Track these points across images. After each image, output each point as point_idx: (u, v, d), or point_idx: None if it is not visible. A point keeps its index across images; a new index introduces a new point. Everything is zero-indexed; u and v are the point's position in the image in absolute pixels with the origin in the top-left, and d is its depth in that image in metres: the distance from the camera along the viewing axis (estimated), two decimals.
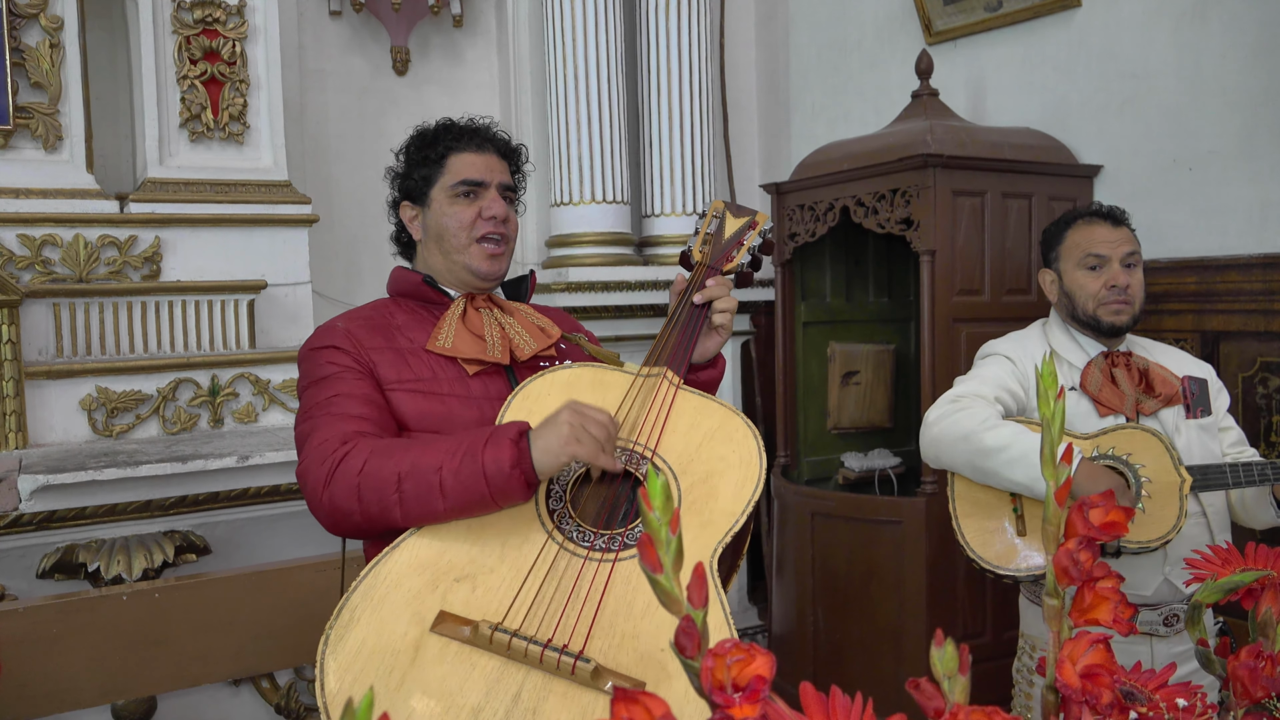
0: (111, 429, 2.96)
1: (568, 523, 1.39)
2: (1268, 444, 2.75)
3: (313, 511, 1.48)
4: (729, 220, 1.77)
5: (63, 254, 3.00)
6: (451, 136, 1.74)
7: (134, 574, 2.68)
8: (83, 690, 2.03)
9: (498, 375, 1.65)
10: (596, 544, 1.36)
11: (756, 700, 0.64)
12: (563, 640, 1.25)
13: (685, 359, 1.58)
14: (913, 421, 3.56)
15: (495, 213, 1.70)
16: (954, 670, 0.67)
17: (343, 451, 1.43)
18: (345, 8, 3.95)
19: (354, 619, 1.28)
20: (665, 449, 1.46)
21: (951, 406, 2.08)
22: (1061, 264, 2.19)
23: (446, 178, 1.71)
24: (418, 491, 1.36)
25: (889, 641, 3.04)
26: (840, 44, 4.11)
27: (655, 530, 0.68)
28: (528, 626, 1.27)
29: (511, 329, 1.69)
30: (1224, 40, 2.85)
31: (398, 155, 1.80)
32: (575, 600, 1.29)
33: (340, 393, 1.54)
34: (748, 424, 1.49)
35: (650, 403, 1.51)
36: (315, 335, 1.66)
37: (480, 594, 1.31)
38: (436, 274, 1.75)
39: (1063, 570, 0.76)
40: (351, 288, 3.87)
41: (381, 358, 1.61)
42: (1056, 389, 0.79)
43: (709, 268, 1.70)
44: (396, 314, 1.70)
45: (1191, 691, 0.83)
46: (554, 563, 1.34)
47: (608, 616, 1.28)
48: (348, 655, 1.25)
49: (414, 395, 1.58)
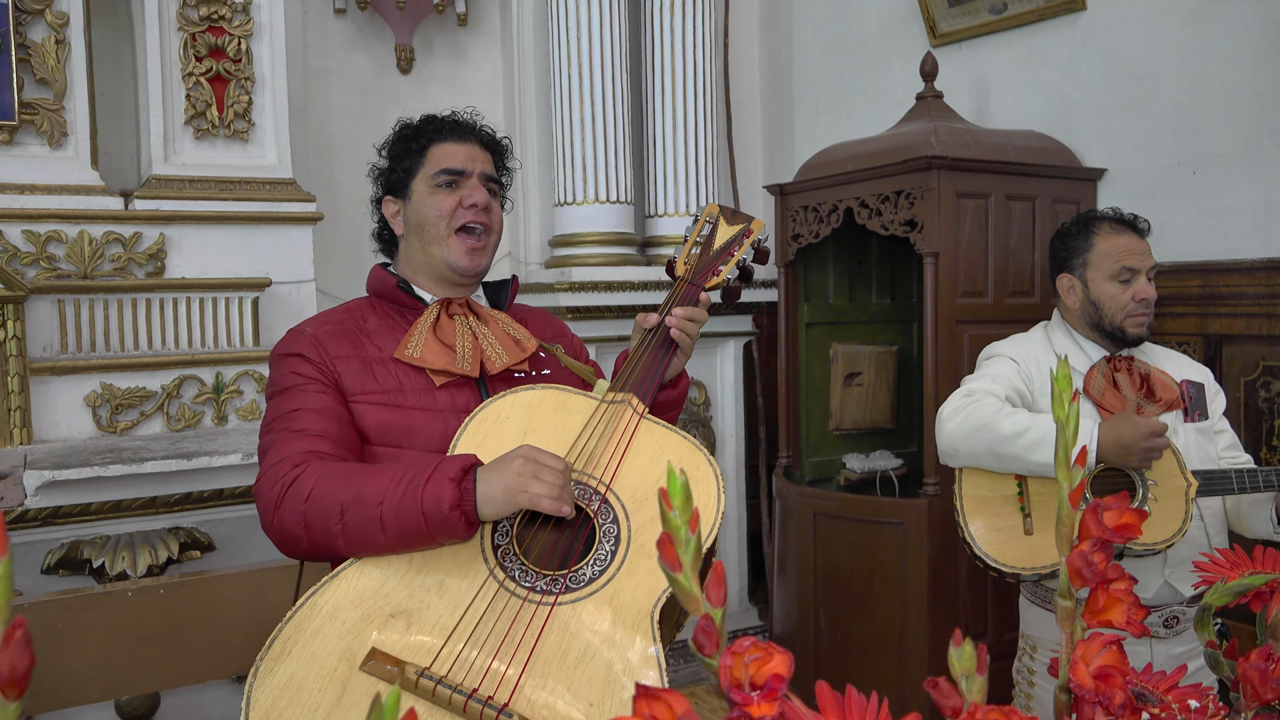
0: (116, 425, 2.96)
1: (511, 560, 1.35)
2: (1269, 447, 2.75)
3: (265, 531, 1.46)
4: (722, 226, 1.69)
5: (67, 250, 3.00)
6: (433, 128, 1.71)
7: (139, 570, 2.69)
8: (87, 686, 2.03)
9: (466, 387, 1.60)
10: (538, 585, 1.32)
11: (774, 699, 0.65)
12: (489, 691, 1.22)
13: (653, 385, 1.52)
14: (915, 423, 3.57)
15: (476, 200, 1.65)
16: (972, 670, 0.67)
17: (293, 475, 1.41)
18: (350, 6, 3.96)
19: (285, 651, 1.26)
20: (621, 484, 1.40)
21: (965, 400, 2.10)
22: (1089, 272, 2.17)
23: (428, 167, 1.67)
24: (359, 524, 1.34)
25: (892, 642, 3.04)
26: (844, 44, 4.11)
27: (675, 529, 0.69)
28: (455, 673, 1.24)
29: (485, 339, 1.64)
30: (1228, 42, 2.86)
31: (380, 151, 1.77)
32: (508, 646, 1.26)
33: (301, 407, 1.52)
34: (710, 462, 1.44)
35: (611, 432, 1.45)
36: (284, 340, 1.63)
37: (414, 631, 1.28)
38: (416, 272, 1.71)
39: (1076, 572, 0.77)
40: (355, 286, 3.84)
41: (347, 367, 1.57)
42: (1071, 392, 0.80)
43: (690, 284, 1.63)
44: (369, 318, 1.66)
45: (1203, 693, 0.84)
46: (492, 603, 1.30)
47: (540, 664, 1.25)
48: (275, 690, 1.22)
49: (377, 407, 1.55)
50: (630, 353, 1.59)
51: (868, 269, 3.76)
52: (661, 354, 1.56)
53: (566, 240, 3.92)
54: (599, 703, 1.23)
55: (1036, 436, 1.95)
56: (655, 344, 1.57)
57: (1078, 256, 2.20)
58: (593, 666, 1.25)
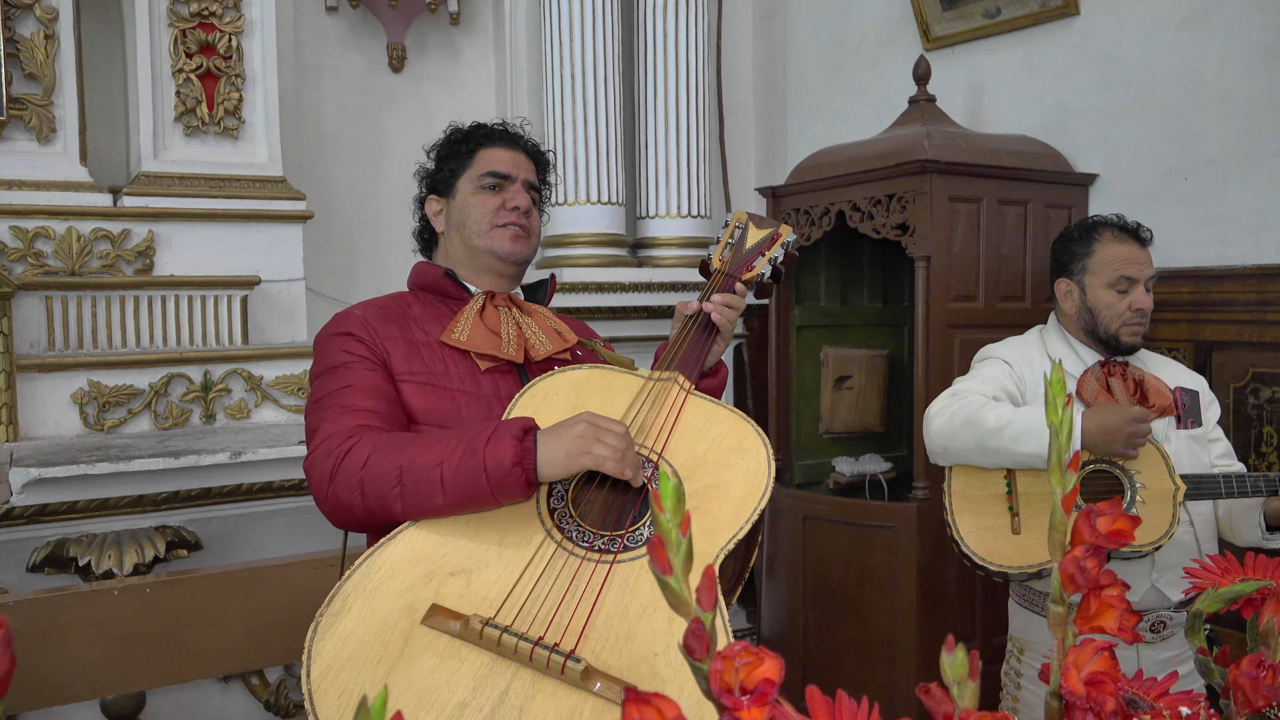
0: (103, 423, 2.94)
1: (568, 522, 1.37)
2: (1258, 454, 2.76)
3: (318, 505, 1.48)
4: (751, 231, 1.77)
5: (55, 247, 2.98)
6: (483, 134, 1.79)
7: (125, 569, 2.67)
8: (72, 685, 2.01)
9: (509, 374, 1.65)
10: (596, 545, 1.34)
11: (765, 703, 0.64)
12: (554, 639, 1.23)
13: (697, 366, 1.58)
14: (905, 427, 3.57)
15: (519, 203, 1.73)
16: (964, 675, 0.67)
17: (347, 446, 1.43)
18: (342, 4, 3.94)
19: (345, 607, 1.27)
20: (672, 453, 1.45)
21: (951, 400, 2.12)
22: (1088, 278, 2.18)
23: (474, 169, 1.75)
24: (418, 486, 1.36)
25: (881, 646, 3.04)
26: (840, 46, 4.11)
27: (666, 532, 0.68)
28: (520, 623, 1.25)
29: (528, 329, 1.69)
30: (1225, 48, 2.86)
31: (429, 152, 1.84)
32: (570, 600, 1.27)
33: (351, 384, 1.55)
34: (759, 432, 1.48)
35: (660, 407, 1.50)
36: (332, 322, 1.67)
37: (475, 589, 1.30)
38: (459, 266, 1.76)
39: (1069, 577, 0.77)
40: (347, 285, 3.86)
41: (395, 347, 1.61)
42: (1065, 396, 0.79)
43: (728, 276, 1.70)
44: (414, 306, 1.71)
45: (1194, 699, 0.83)
46: (551, 561, 1.32)
47: (602, 618, 1.26)
48: (336, 643, 1.23)
49: (422, 388, 1.59)
50: (672, 339, 1.65)
51: (860, 272, 3.76)
52: (703, 337, 1.62)
53: (558, 241, 3.92)
54: (664, 653, 1.24)
55: (1021, 428, 1.96)
56: (697, 329, 1.63)
57: (1078, 262, 2.21)
58: (656, 619, 1.26)
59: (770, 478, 1.42)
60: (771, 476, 1.42)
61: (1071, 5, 3.22)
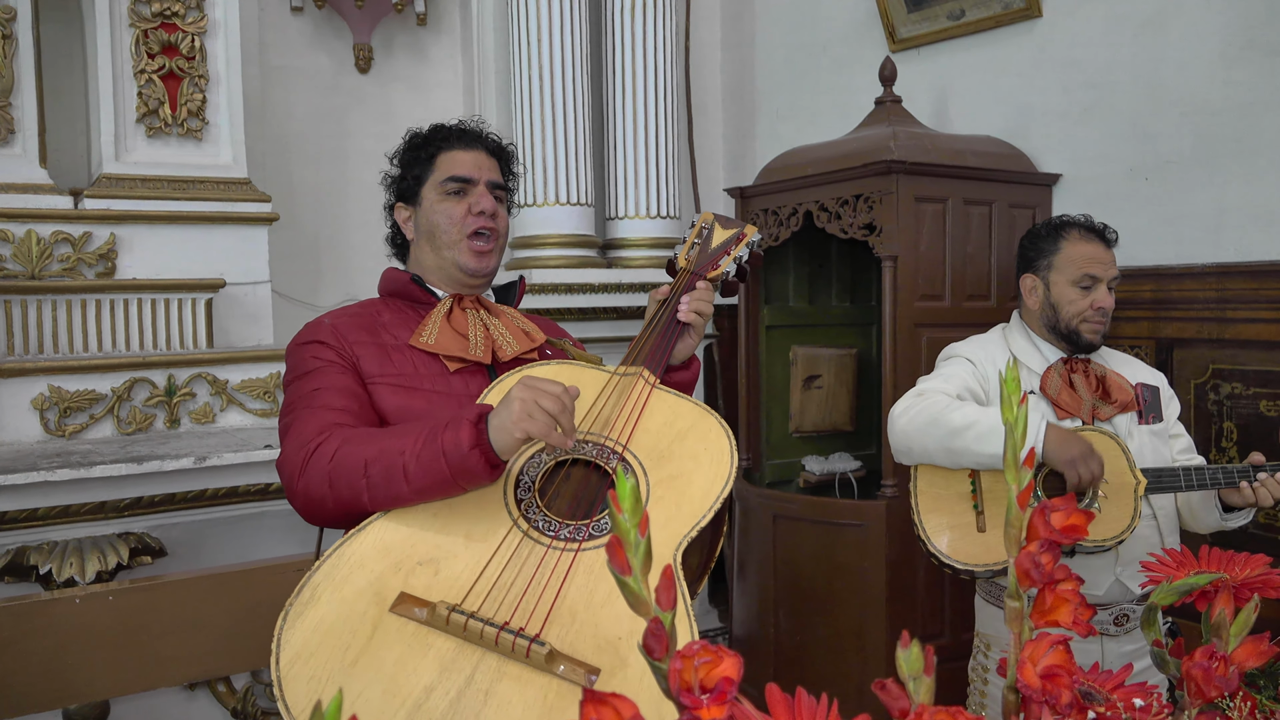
0: (64, 429, 2.90)
1: (534, 512, 1.40)
2: (1218, 449, 2.80)
3: (290, 500, 1.50)
4: (717, 231, 1.81)
5: (14, 250, 2.94)
6: (441, 136, 1.80)
7: (87, 577, 2.63)
8: (34, 694, 1.98)
9: (479, 374, 1.68)
10: (561, 534, 1.37)
11: (724, 702, 0.65)
12: (520, 624, 1.25)
13: (663, 360, 1.61)
14: (874, 425, 3.59)
15: (484, 208, 1.74)
16: (919, 671, 0.67)
17: (317, 441, 1.46)
18: (307, 4, 3.91)
19: (315, 596, 1.29)
20: (636, 445, 1.48)
21: (915, 399, 2.13)
22: (1052, 274, 2.22)
23: (436, 174, 1.76)
24: (384, 475, 1.38)
25: (851, 643, 3.06)
26: (807, 47, 4.13)
27: (624, 532, 0.68)
28: (486, 609, 1.27)
29: (496, 330, 1.73)
30: (1183, 50, 2.91)
31: (391, 160, 1.85)
32: (535, 587, 1.30)
33: (321, 386, 1.58)
34: (721, 424, 1.51)
35: (624, 400, 1.53)
36: (303, 331, 1.70)
37: (442, 578, 1.32)
38: (428, 273, 1.78)
39: (1024, 573, 0.77)
40: (313, 287, 3.83)
41: (365, 351, 1.64)
42: (1020, 394, 0.80)
43: (693, 274, 1.74)
44: (384, 312, 1.74)
45: (1148, 691, 0.85)
46: (517, 550, 1.35)
47: (567, 604, 1.29)
48: (305, 631, 1.25)
49: (394, 390, 1.61)
50: (641, 330, 1.68)
51: (828, 272, 3.78)
52: (669, 332, 1.66)
53: (527, 242, 3.91)
54: (628, 637, 1.26)
55: (985, 428, 1.98)
56: (665, 322, 1.67)
57: (1044, 258, 2.24)
58: (620, 604, 1.27)
59: (733, 466, 1.45)
60: (734, 465, 1.46)
61: (1034, 7, 3.25)
